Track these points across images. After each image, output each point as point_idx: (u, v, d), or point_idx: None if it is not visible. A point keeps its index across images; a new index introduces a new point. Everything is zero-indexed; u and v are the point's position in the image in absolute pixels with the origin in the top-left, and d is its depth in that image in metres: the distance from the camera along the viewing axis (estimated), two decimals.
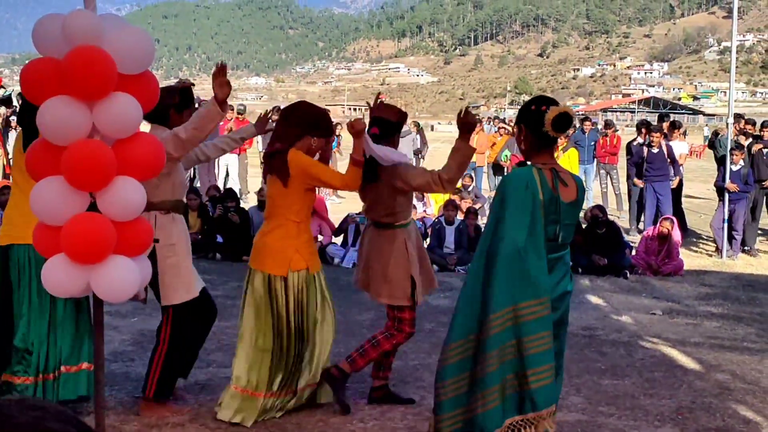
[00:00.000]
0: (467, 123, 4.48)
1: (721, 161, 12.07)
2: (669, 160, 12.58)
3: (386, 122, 4.80)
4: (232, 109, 16.26)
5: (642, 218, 13.34)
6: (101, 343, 3.97)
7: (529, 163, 3.64)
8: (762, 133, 12.39)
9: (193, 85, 5.03)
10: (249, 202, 14.37)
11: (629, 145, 13.37)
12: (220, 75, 4.39)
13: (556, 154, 13.05)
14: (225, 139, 5.34)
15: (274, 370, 4.60)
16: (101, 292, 3.80)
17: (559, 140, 13.44)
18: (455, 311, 3.66)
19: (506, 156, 15.87)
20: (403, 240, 4.83)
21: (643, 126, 14.05)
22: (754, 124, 13.18)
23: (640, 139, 13.28)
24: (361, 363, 4.88)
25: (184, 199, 5.01)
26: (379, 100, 4.90)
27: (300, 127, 4.61)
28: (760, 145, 12.05)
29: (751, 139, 12.49)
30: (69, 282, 3.73)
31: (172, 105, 4.69)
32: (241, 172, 16.10)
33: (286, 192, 4.51)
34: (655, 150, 12.41)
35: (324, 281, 4.80)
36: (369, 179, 4.73)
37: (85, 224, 3.68)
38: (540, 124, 3.51)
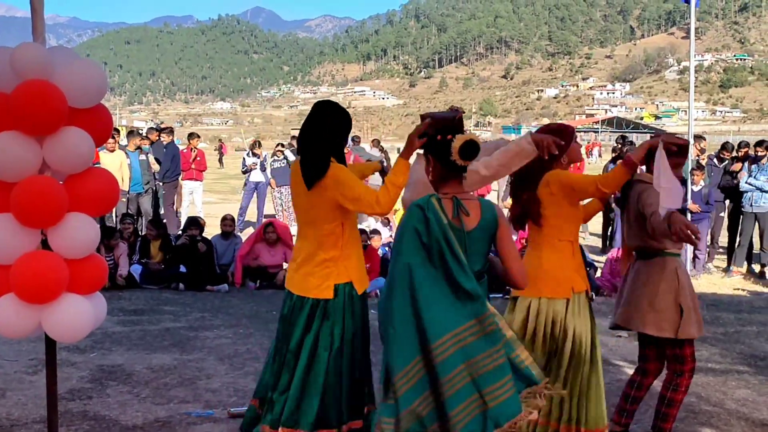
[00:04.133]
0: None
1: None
2: None
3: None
4: (198, 137, 16.16)
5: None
6: (54, 383, 3.86)
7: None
8: (738, 153, 12.54)
9: (463, 111, 4.73)
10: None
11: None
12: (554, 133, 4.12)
13: None
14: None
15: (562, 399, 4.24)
16: (54, 333, 3.70)
17: None
18: (388, 339, 3.42)
19: None
20: (674, 268, 4.57)
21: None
22: (732, 149, 13.25)
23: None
24: (669, 426, 4.68)
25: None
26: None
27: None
28: (739, 165, 12.15)
29: (727, 162, 12.64)
30: (19, 323, 3.61)
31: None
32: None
33: (552, 214, 4.23)
34: None
35: None
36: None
37: (36, 263, 3.58)
38: (447, 154, 3.44)
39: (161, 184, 14.46)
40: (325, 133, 4.06)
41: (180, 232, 11.71)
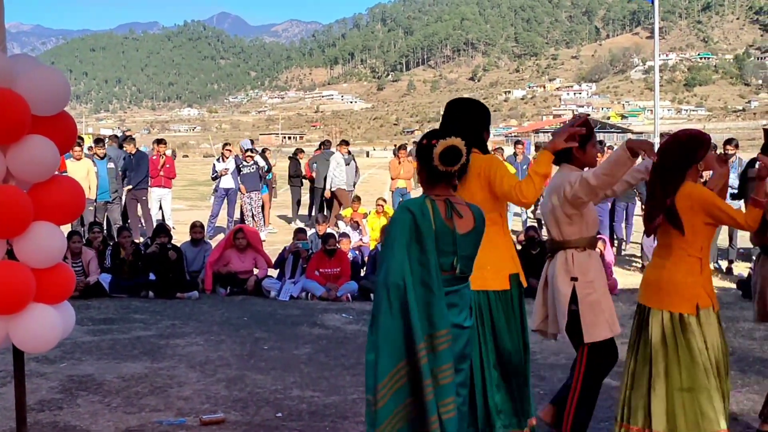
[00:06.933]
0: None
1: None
2: None
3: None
4: (165, 143, 16.06)
5: None
6: (22, 394, 3.82)
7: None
8: (725, 150, 12.63)
9: (590, 116, 4.61)
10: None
11: None
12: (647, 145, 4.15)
13: None
14: (630, 172, 4.78)
15: (713, 408, 4.18)
16: (21, 343, 3.65)
17: None
18: (373, 349, 3.38)
19: None
20: None
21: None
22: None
23: None
24: None
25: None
26: None
27: (680, 162, 4.24)
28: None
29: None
30: None
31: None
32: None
33: (685, 226, 4.19)
34: None
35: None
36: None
37: (1, 273, 3.53)
38: (430, 159, 3.45)
39: (130, 191, 14.39)
40: (461, 128, 3.99)
41: (148, 240, 11.61)
